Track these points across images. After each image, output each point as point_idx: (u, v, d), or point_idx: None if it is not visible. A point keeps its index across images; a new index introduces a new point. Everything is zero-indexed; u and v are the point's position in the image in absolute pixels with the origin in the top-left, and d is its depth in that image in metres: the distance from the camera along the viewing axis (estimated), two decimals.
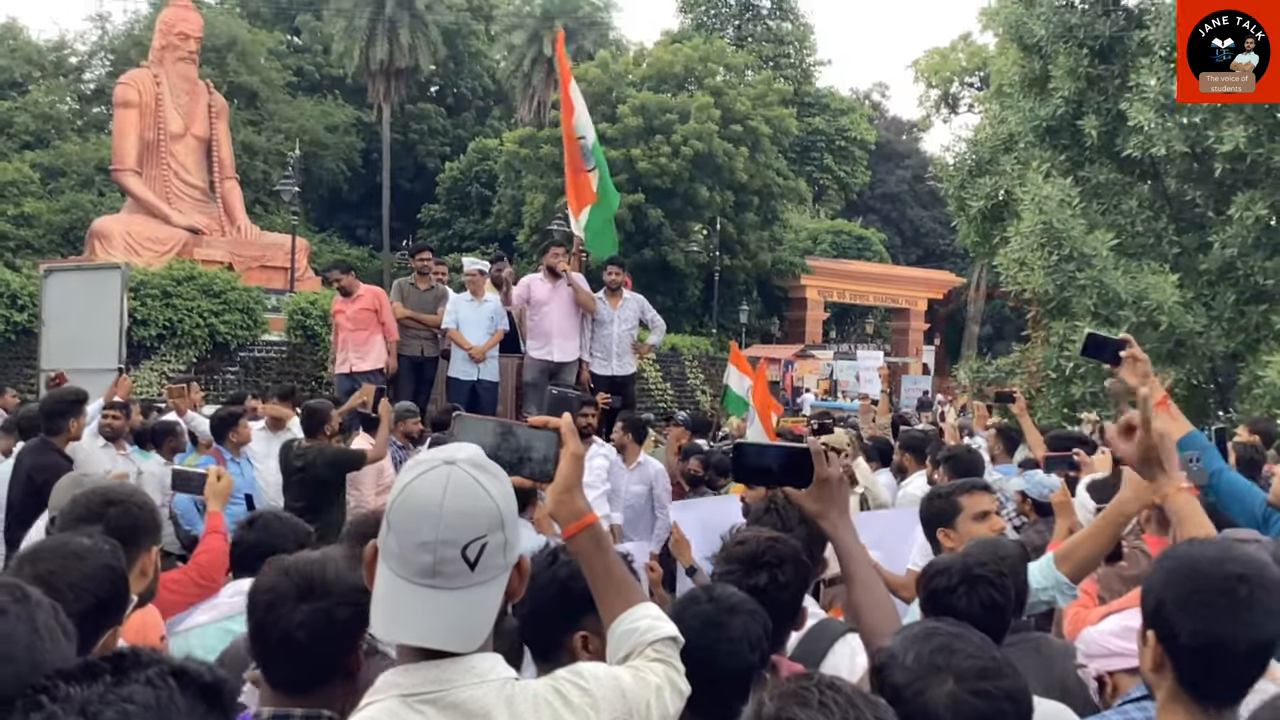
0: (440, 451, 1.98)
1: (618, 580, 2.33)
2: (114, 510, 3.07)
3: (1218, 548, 2.25)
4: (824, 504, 2.76)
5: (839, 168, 56.43)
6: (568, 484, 2.32)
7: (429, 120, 54.74)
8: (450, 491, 1.90)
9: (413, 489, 1.92)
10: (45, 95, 46.69)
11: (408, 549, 1.89)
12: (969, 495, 4.35)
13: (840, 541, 2.78)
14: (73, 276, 15.50)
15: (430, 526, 1.88)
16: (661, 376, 32.46)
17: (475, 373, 11.17)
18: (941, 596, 3.07)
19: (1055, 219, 12.91)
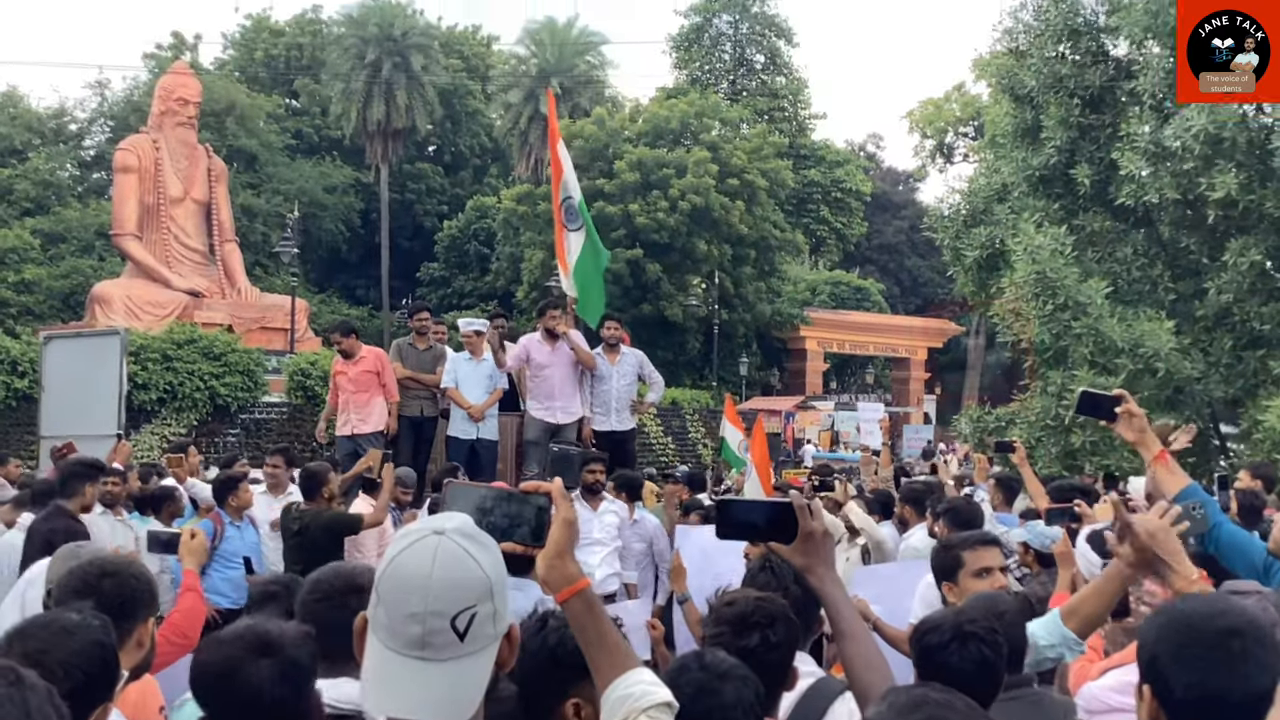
0: (429, 521, 1.98)
1: (611, 645, 2.31)
2: (109, 582, 3.06)
3: (1210, 602, 2.25)
4: (809, 559, 2.75)
5: (836, 219, 56.72)
6: (559, 549, 2.31)
7: (427, 179, 55.09)
8: (439, 562, 1.89)
9: (401, 560, 1.91)
10: (45, 162, 47.03)
11: (396, 620, 1.88)
12: (972, 550, 4.35)
13: (827, 596, 2.77)
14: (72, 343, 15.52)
15: (419, 597, 1.87)
16: (663, 431, 32.45)
17: (475, 431, 11.16)
18: (933, 654, 3.06)
19: (1048, 268, 12.93)
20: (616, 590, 8.70)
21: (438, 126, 54.76)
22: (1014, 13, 14.86)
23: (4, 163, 45.85)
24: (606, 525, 8.81)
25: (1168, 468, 4.04)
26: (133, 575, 3.13)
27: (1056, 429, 13.20)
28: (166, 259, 32.01)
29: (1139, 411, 4.03)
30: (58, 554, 4.18)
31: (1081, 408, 4.24)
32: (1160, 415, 12.88)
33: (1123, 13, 13.65)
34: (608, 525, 8.82)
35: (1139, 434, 4.03)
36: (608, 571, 8.70)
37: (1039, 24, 14.55)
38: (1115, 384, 12.77)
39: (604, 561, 8.69)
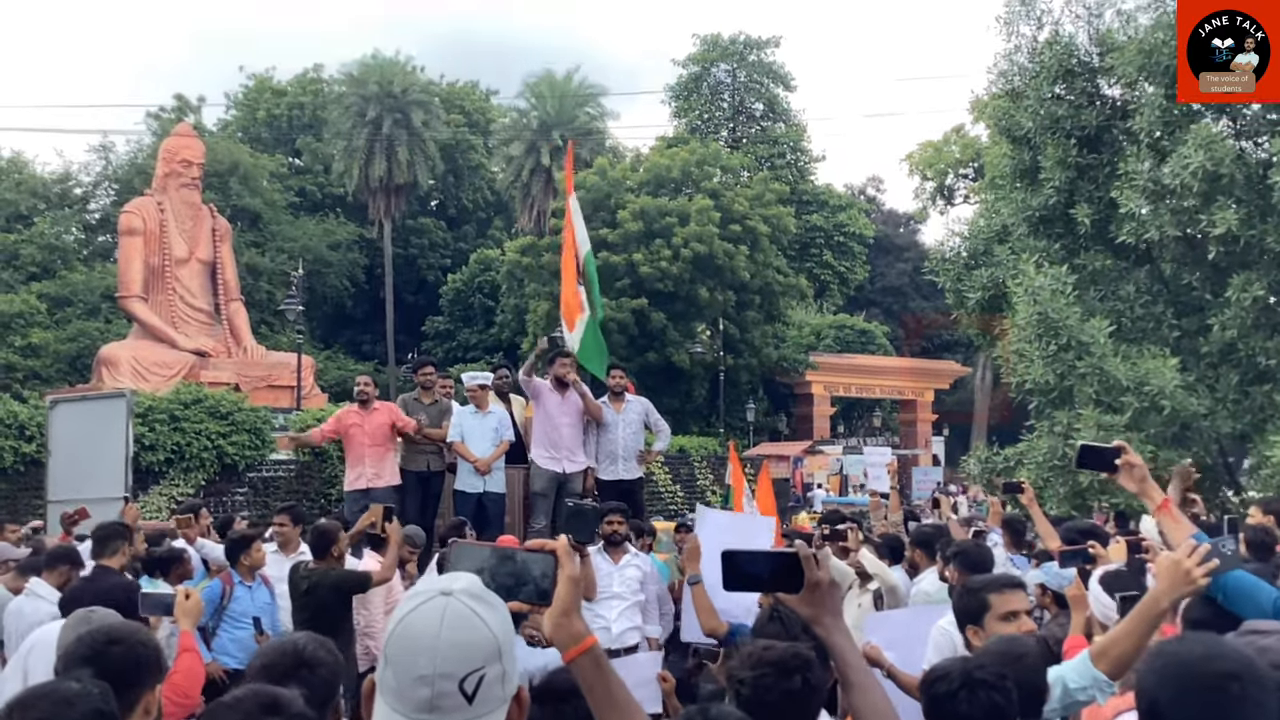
0: (437, 582, 1.97)
1: (620, 703, 2.31)
2: (117, 649, 3.05)
3: (1207, 645, 2.24)
4: (817, 609, 2.74)
5: (839, 263, 56.85)
6: (565, 607, 2.30)
7: (430, 234, 55.33)
8: (447, 623, 1.88)
9: (409, 621, 1.90)
10: (51, 226, 47.26)
11: (405, 683, 1.87)
12: (999, 594, 4.32)
13: (835, 646, 2.76)
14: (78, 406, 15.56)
15: (427, 659, 1.86)
16: (671, 479, 32.34)
17: (481, 485, 11.16)
18: (943, 702, 3.05)
19: (1050, 309, 12.95)
20: (637, 643, 8.60)
21: (440, 181, 55.05)
22: (1009, 55, 14.98)
23: (10, 228, 46.11)
24: (628, 579, 8.67)
25: (1172, 517, 4.03)
26: (140, 642, 3.13)
27: (1064, 469, 13.17)
28: (172, 319, 32.09)
29: (1139, 461, 4.03)
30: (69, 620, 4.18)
31: (1082, 461, 4.23)
32: (1167, 452, 12.86)
33: (1116, 53, 13.76)
34: (629, 579, 8.67)
35: (1140, 484, 4.02)
36: (626, 626, 8.57)
37: (1034, 66, 14.67)
38: (1121, 422, 12.76)
39: (622, 615, 8.57)
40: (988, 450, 15.76)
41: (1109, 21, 14.54)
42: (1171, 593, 3.42)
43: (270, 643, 3.41)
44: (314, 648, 3.11)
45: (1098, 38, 14.48)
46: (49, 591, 7.40)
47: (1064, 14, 14.77)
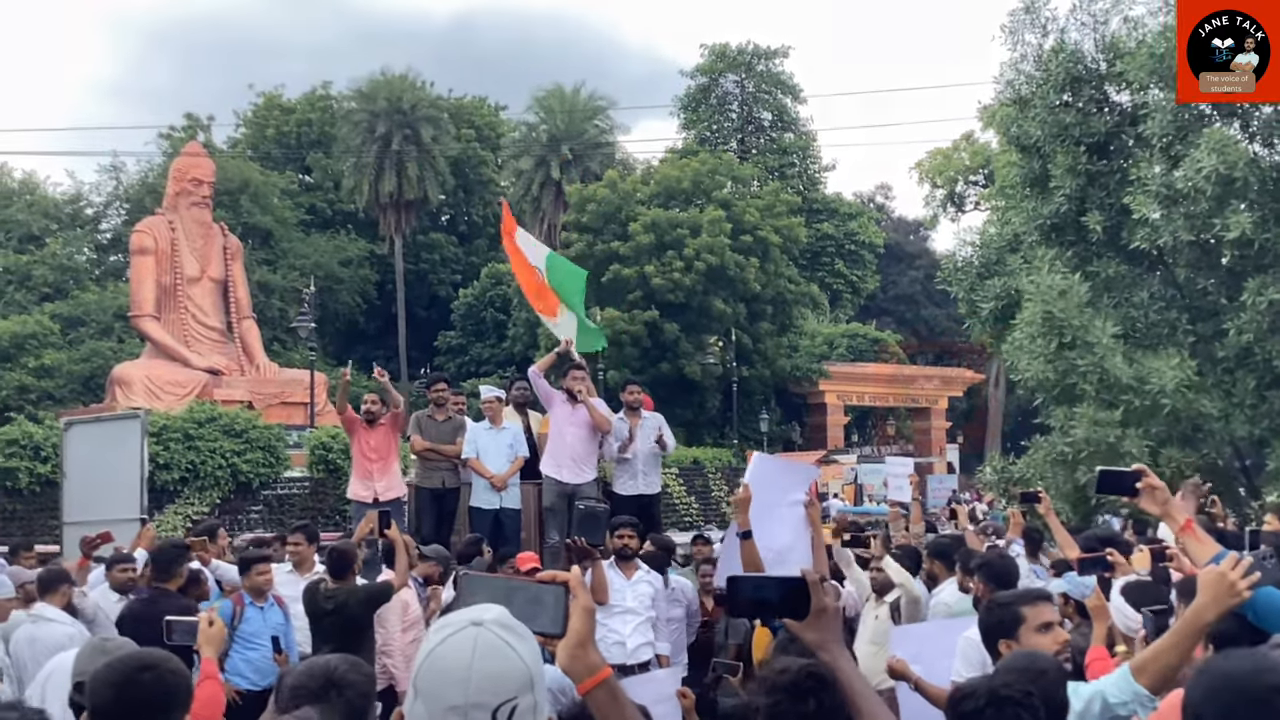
0: (466, 613, 1.95)
1: None
2: (148, 676, 3.04)
3: (1254, 659, 2.22)
4: (823, 634, 2.73)
5: (850, 272, 56.86)
6: (580, 639, 2.26)
7: (441, 249, 55.44)
8: (479, 653, 1.87)
9: (440, 652, 1.89)
10: (63, 247, 47.51)
11: (437, 714, 1.86)
12: (1032, 606, 4.26)
13: (842, 672, 2.75)
14: (92, 428, 15.56)
15: (460, 690, 1.85)
16: (685, 490, 32.34)
17: (498, 501, 11.13)
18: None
19: (1055, 307, 12.94)
20: (649, 660, 8.57)
21: (450, 196, 55.16)
22: (1014, 64, 14.96)
23: (22, 249, 46.33)
24: (640, 594, 8.64)
25: (1196, 537, 3.98)
26: (170, 670, 3.11)
27: (1064, 464, 13.14)
28: (185, 338, 32.22)
29: (1160, 484, 3.99)
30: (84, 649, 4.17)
31: (1102, 487, 4.20)
32: (1169, 450, 12.83)
33: (1126, 59, 13.73)
34: (641, 594, 8.64)
35: (1163, 506, 3.98)
36: (640, 641, 8.54)
37: (1040, 74, 14.63)
38: (1115, 418, 12.74)
39: (636, 630, 8.53)
40: (1003, 459, 15.71)
41: (1116, 28, 14.52)
42: (1216, 606, 3.39)
43: (302, 663, 3.39)
44: (345, 668, 3.09)
45: (1105, 44, 14.44)
46: (57, 613, 7.37)
47: (1070, 21, 14.75)
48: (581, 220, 43.07)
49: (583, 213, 43.22)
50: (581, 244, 41.19)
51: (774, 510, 6.77)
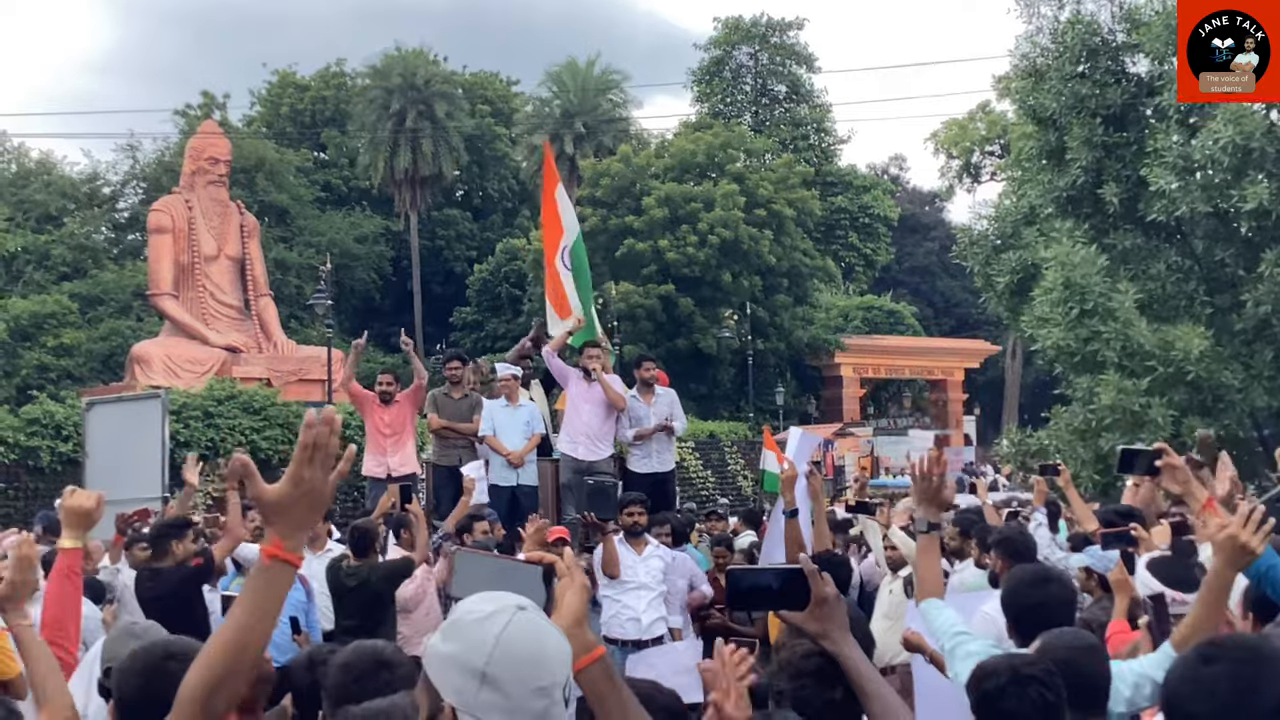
0: (498, 600, 1.98)
1: (631, 714, 2.31)
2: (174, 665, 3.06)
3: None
4: (824, 624, 2.76)
5: (865, 245, 56.64)
6: (577, 617, 2.29)
7: (456, 225, 55.41)
8: (543, 635, 1.93)
9: (508, 639, 1.90)
10: (81, 226, 47.55)
11: (521, 698, 1.87)
12: None
13: (847, 659, 2.78)
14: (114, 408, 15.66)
15: (544, 671, 1.89)
16: (702, 464, 32.37)
17: (515, 478, 11.17)
18: (992, 699, 3.04)
19: (1077, 274, 12.91)
20: (664, 634, 8.64)
21: (465, 172, 55.09)
22: (1030, 37, 14.88)
23: (40, 229, 46.42)
24: (652, 569, 8.73)
25: (1218, 514, 4.00)
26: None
27: (1086, 434, 13.13)
28: (203, 316, 32.32)
29: (1180, 463, 4.00)
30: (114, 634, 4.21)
31: (1122, 466, 4.20)
32: (1197, 422, 12.80)
33: (1143, 30, 13.65)
34: (653, 569, 8.74)
35: (1185, 485, 3.99)
36: (654, 616, 8.64)
37: (1056, 46, 14.56)
38: (1141, 387, 12.72)
39: (650, 605, 8.63)
40: (1020, 431, 15.71)
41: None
42: (1233, 566, 3.42)
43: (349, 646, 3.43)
44: (391, 650, 3.16)
45: (1122, 14, 14.36)
46: None
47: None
48: (595, 195, 43.00)
49: (596, 187, 43.16)
50: (595, 219, 41.12)
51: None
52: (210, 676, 2.25)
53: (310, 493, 2.24)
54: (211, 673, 2.25)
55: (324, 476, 2.27)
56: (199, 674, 2.26)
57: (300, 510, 2.25)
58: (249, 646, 2.27)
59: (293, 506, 2.24)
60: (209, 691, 2.25)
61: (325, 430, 2.26)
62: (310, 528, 2.35)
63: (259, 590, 2.29)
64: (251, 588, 2.31)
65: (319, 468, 2.25)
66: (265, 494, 2.26)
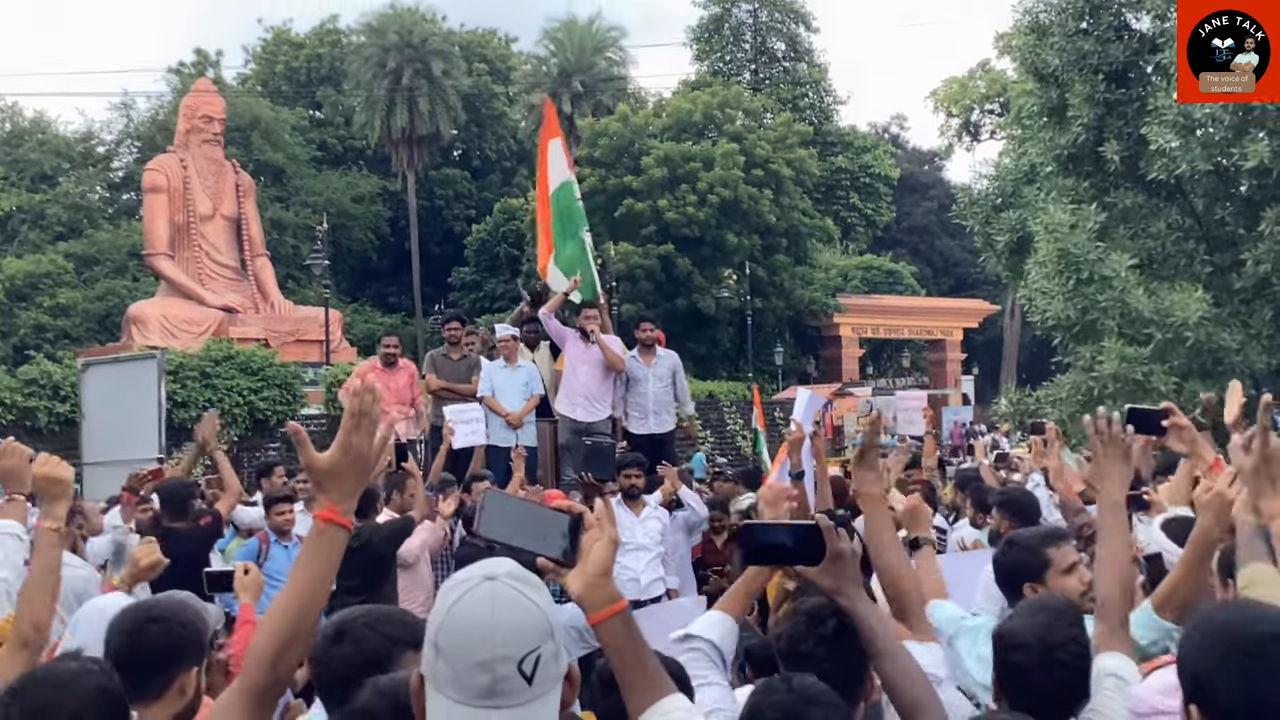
0: (478, 569, 1.95)
1: (649, 668, 2.28)
2: (155, 628, 3.05)
3: (1246, 610, 2.20)
4: (839, 580, 2.74)
5: (864, 205, 56.50)
6: (603, 569, 2.27)
7: (454, 185, 55.22)
8: (498, 607, 1.87)
9: (459, 610, 1.88)
10: (75, 186, 47.39)
11: (463, 671, 1.85)
12: (1056, 548, 4.10)
13: (861, 616, 2.76)
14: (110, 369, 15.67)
15: (484, 645, 1.84)
16: (701, 424, 32.42)
17: (514, 439, 11.15)
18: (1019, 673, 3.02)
19: (1070, 244, 12.86)
20: (662, 595, 8.69)
21: (463, 131, 54.84)
22: None
23: (34, 188, 46.26)
24: (650, 530, 8.80)
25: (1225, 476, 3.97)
26: (180, 623, 3.12)
27: (1087, 403, 13.11)
28: (199, 276, 32.23)
29: (1186, 423, 3.97)
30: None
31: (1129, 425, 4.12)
32: (1194, 384, 12.79)
33: None
34: (651, 531, 8.80)
35: (1191, 444, 3.96)
36: (653, 576, 8.71)
37: (1059, 1, 14.43)
38: (1145, 354, 12.70)
39: (648, 566, 8.70)
40: (1019, 391, 15.68)
41: None
42: (1219, 523, 3.41)
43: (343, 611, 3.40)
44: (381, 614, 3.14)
45: None
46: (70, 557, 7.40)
47: None
48: (594, 155, 42.82)
49: (595, 147, 42.97)
50: (594, 179, 40.97)
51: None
52: (276, 640, 2.37)
53: (359, 458, 2.44)
54: (278, 636, 2.38)
55: (369, 443, 2.47)
56: (266, 638, 2.39)
57: (350, 476, 2.45)
58: (311, 608, 2.42)
59: (343, 473, 2.43)
60: (276, 654, 2.36)
61: (369, 399, 2.45)
62: (358, 492, 2.49)
63: (315, 554, 2.47)
64: (308, 552, 2.48)
65: (365, 435, 2.45)
66: (316, 462, 2.43)
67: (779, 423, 26.92)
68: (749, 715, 2.52)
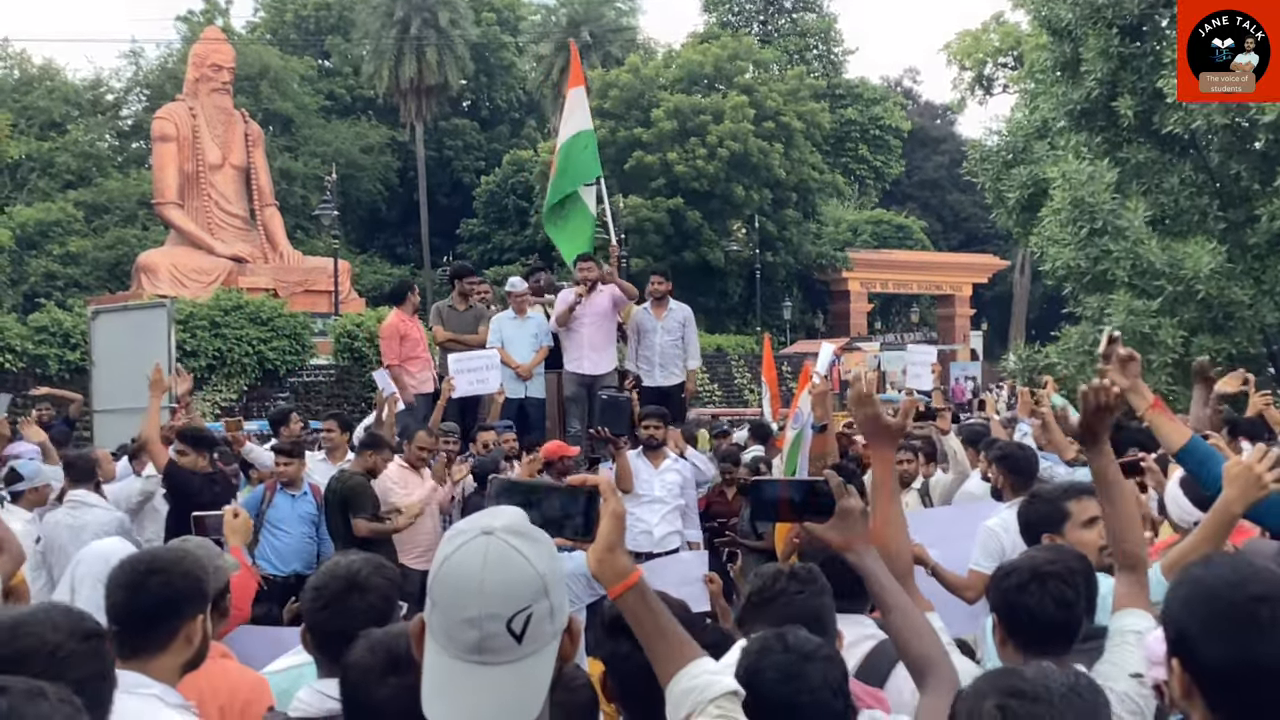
0: (478, 519, 1.93)
1: (671, 637, 2.28)
2: (155, 580, 3.04)
3: (1235, 569, 2.18)
4: (847, 535, 2.75)
5: (875, 158, 56.20)
6: (610, 544, 2.26)
7: (463, 135, 54.97)
8: (489, 564, 1.84)
9: (452, 563, 1.87)
10: (84, 134, 47.28)
11: (452, 626, 1.84)
12: (1077, 501, 4.20)
13: (868, 571, 2.77)
14: (119, 317, 15.64)
15: (473, 602, 1.83)
16: (709, 378, 32.43)
17: (523, 390, 11.17)
18: (1012, 595, 3.05)
19: (1085, 193, 12.80)
20: (678, 548, 8.70)
21: (472, 81, 54.52)
22: None
23: (44, 136, 46.15)
24: (668, 484, 8.77)
25: (1166, 416, 3.93)
26: (181, 574, 3.10)
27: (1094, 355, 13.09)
28: (209, 226, 32.18)
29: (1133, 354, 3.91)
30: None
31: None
32: (1202, 338, 12.76)
33: None
34: (669, 484, 8.77)
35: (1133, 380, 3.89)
36: (667, 529, 8.69)
37: None
38: (1153, 306, 12.67)
39: (664, 519, 8.68)
40: (1028, 347, 15.66)
41: None
42: (1243, 499, 3.38)
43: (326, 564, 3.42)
44: (368, 571, 3.12)
45: None
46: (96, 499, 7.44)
47: None
48: (604, 106, 42.57)
49: (605, 99, 42.70)
50: (604, 131, 40.73)
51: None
52: None
53: None
54: None
55: None
56: None
57: None
58: None
59: None
60: None
61: None
62: None
63: None
64: None
65: None
66: None
67: (786, 377, 26.89)
68: (748, 676, 2.49)
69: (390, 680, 2.38)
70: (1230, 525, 3.47)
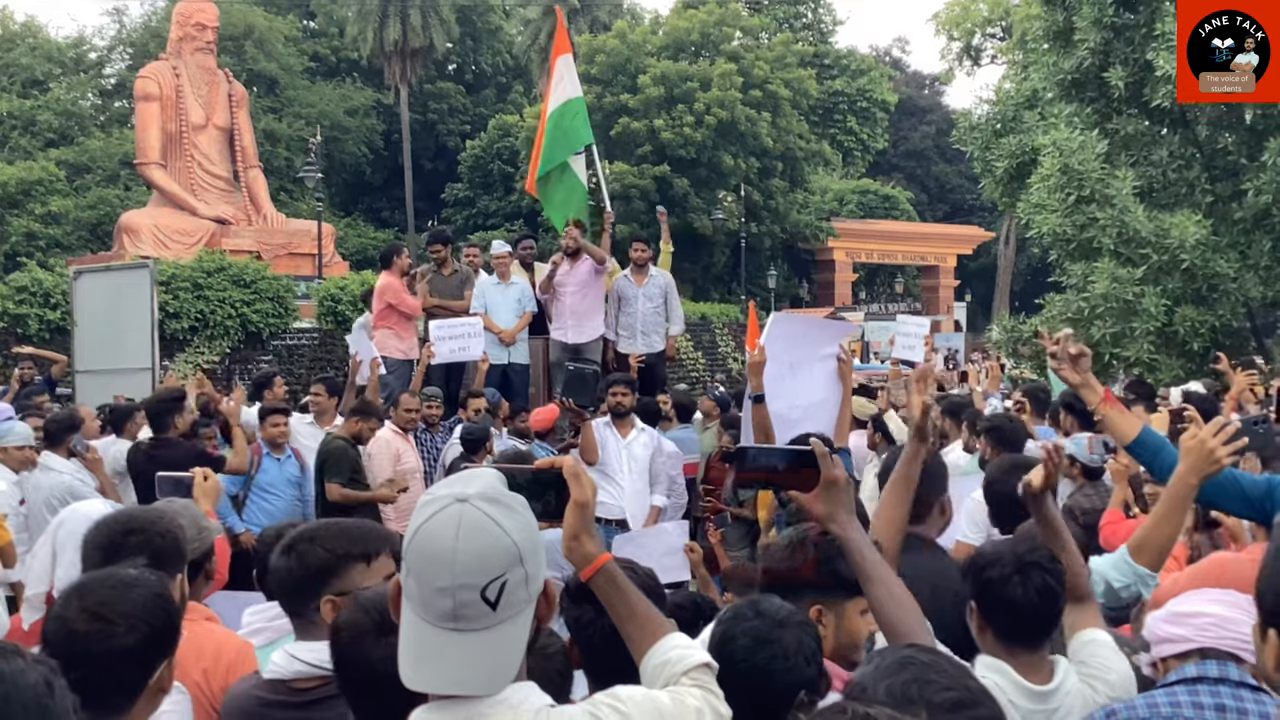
0: (452, 486, 1.92)
1: (641, 616, 2.27)
2: (133, 539, 3.03)
3: None
4: (831, 505, 2.74)
5: (862, 129, 56.08)
6: (575, 531, 2.25)
7: (448, 99, 54.64)
8: (463, 533, 1.84)
9: (426, 531, 1.86)
10: (67, 92, 46.84)
11: (427, 593, 1.85)
12: None
13: (851, 542, 2.76)
14: (101, 277, 15.54)
15: (446, 571, 1.83)
16: (693, 346, 32.36)
17: (506, 356, 11.17)
18: (995, 586, 3.03)
19: (1074, 160, 12.79)
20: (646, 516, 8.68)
21: (458, 45, 54.17)
22: None
23: (26, 94, 45.71)
24: (635, 453, 8.75)
25: (1118, 409, 3.91)
26: (159, 533, 3.09)
27: (1078, 322, 13.10)
28: (191, 186, 31.91)
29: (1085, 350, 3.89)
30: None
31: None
32: (1191, 311, 12.78)
33: None
34: (636, 453, 8.75)
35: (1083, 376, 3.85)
36: (636, 499, 8.66)
37: None
38: (1136, 275, 12.69)
39: (634, 491, 8.65)
40: (1012, 319, 15.65)
41: None
42: (1196, 473, 3.38)
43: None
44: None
45: None
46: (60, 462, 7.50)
47: None
48: (590, 72, 42.33)
49: (591, 64, 42.46)
50: (590, 96, 40.42)
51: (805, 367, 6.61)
52: None
53: None
54: None
55: None
56: None
57: None
58: None
59: None
60: None
61: None
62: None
63: None
64: None
65: None
66: None
67: None
68: (721, 643, 2.51)
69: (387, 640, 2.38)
70: (1187, 498, 3.46)
